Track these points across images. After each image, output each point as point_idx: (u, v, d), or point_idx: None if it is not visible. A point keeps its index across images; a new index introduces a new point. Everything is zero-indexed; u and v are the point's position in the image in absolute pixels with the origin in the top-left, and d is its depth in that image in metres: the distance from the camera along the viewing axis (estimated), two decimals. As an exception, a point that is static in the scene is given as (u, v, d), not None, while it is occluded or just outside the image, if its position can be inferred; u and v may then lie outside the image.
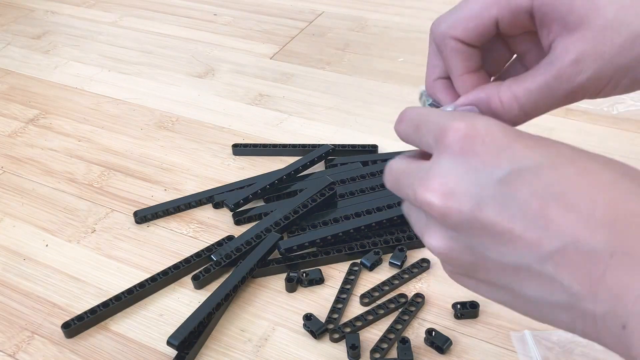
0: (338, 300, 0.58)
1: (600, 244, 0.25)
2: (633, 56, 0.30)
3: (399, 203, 0.67)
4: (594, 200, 0.26)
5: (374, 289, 0.59)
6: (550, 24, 0.31)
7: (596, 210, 0.26)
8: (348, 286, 0.59)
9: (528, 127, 0.31)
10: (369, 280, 0.60)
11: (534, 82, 0.32)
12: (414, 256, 0.62)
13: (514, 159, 0.28)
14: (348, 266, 0.61)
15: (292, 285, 0.59)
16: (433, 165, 0.29)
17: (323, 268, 0.61)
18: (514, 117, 0.33)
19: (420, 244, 0.63)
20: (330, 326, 0.55)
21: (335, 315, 0.56)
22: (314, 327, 0.55)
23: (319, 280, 0.60)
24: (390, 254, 0.62)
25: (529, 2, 0.31)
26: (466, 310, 0.55)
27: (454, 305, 0.56)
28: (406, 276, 0.60)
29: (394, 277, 0.60)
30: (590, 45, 0.30)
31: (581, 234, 0.25)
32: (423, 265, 0.61)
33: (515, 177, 0.27)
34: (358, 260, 0.62)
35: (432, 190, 0.29)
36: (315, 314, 0.56)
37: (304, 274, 0.59)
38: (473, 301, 0.56)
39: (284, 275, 0.60)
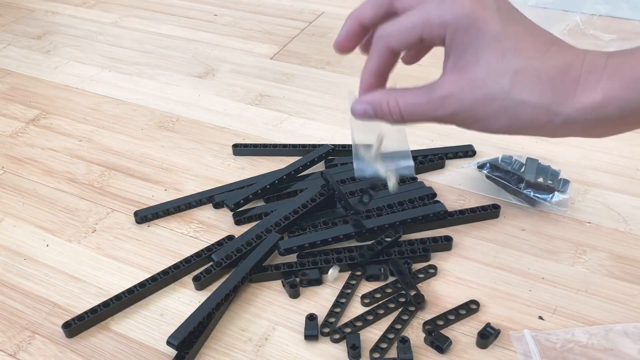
0: (337, 304, 0.58)
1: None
2: (484, 110, 0.38)
3: (400, 204, 0.68)
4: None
5: (375, 291, 0.59)
6: (448, 56, 0.39)
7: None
8: (348, 290, 0.59)
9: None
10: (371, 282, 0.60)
11: (413, 99, 0.40)
12: (421, 262, 0.62)
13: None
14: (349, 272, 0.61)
15: (295, 291, 0.59)
16: None
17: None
18: (396, 119, 0.41)
19: (425, 259, 0.62)
20: (326, 330, 0.55)
21: (332, 319, 0.56)
22: (308, 331, 0.55)
23: (316, 281, 0.60)
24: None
25: (443, 34, 0.38)
26: (436, 344, 0.54)
27: (425, 330, 0.55)
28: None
29: (397, 281, 0.59)
30: (457, 90, 0.38)
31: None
32: (430, 272, 0.60)
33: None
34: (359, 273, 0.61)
35: None
36: (315, 314, 0.56)
37: (303, 274, 0.59)
38: (445, 336, 0.54)
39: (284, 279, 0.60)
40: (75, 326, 0.56)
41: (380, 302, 0.58)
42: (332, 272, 0.59)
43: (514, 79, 0.36)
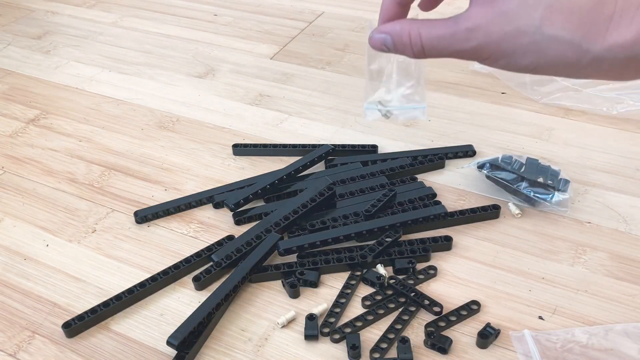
0: (337, 304, 0.58)
1: None
2: (513, 45, 0.36)
3: (400, 204, 0.68)
4: None
5: (376, 292, 0.59)
6: None
7: None
8: (348, 290, 0.59)
9: (527, 127, 0.31)
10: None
11: (436, 31, 0.38)
12: (422, 262, 0.62)
13: None
14: (349, 272, 0.61)
15: (295, 291, 0.59)
16: None
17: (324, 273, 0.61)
18: (416, 53, 0.39)
19: (425, 259, 0.62)
20: (326, 330, 0.55)
21: (332, 319, 0.56)
22: (308, 331, 0.55)
23: (313, 283, 0.59)
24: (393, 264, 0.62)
25: None
26: (437, 345, 0.54)
27: (427, 332, 0.55)
28: (411, 282, 0.59)
29: (397, 283, 0.59)
30: (485, 22, 0.36)
31: None
32: (430, 273, 0.60)
33: None
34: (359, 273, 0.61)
35: None
36: (315, 314, 0.56)
37: (300, 273, 0.59)
38: (446, 336, 0.54)
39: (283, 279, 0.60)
40: (75, 326, 0.56)
41: (380, 303, 0.58)
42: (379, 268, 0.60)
43: (546, 13, 0.35)
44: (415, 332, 0.55)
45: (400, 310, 0.57)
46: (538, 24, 0.35)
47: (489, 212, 0.66)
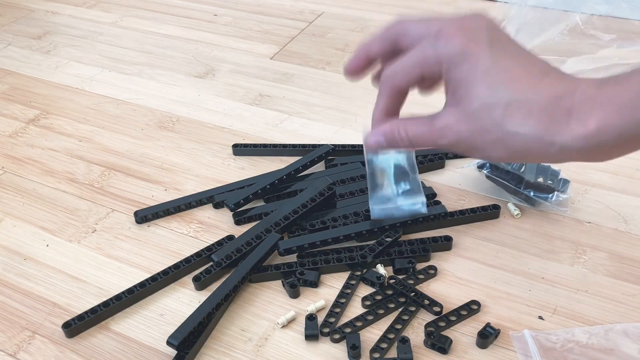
0: (337, 304, 0.58)
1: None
2: (482, 141, 0.39)
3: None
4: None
5: (376, 292, 0.59)
6: (446, 89, 0.41)
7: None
8: (348, 290, 0.59)
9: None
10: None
11: (417, 128, 0.42)
12: (422, 262, 0.62)
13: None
14: (349, 272, 0.61)
15: (295, 291, 0.59)
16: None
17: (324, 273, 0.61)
18: (406, 146, 0.44)
19: (425, 259, 0.62)
20: (326, 330, 0.55)
21: (332, 319, 0.56)
22: (308, 331, 0.55)
23: (313, 283, 0.59)
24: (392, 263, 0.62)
25: (440, 70, 0.40)
26: (437, 345, 0.54)
27: (427, 332, 0.55)
28: (411, 282, 0.59)
29: (397, 283, 0.59)
30: (454, 122, 0.40)
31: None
32: (430, 273, 0.60)
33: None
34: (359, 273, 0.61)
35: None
36: (315, 314, 0.56)
37: (300, 273, 0.59)
38: (445, 336, 0.54)
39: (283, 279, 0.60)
40: (75, 326, 0.56)
41: (380, 303, 0.58)
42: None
43: (506, 112, 0.37)
44: (415, 332, 0.55)
45: (400, 310, 0.57)
46: (500, 122, 0.38)
47: (489, 212, 0.66)
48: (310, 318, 0.56)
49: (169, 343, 0.53)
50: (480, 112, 0.38)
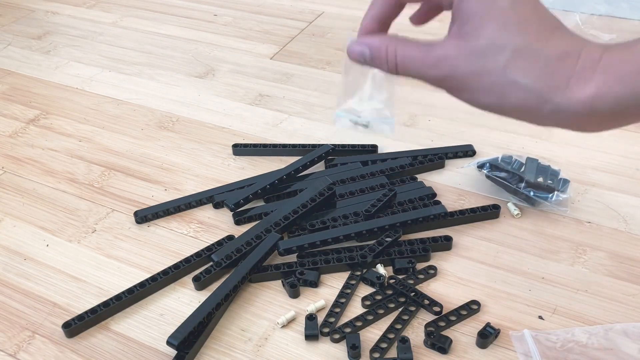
0: (337, 304, 0.58)
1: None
2: (477, 82, 0.37)
3: (400, 204, 0.68)
4: None
5: (376, 292, 0.59)
6: (454, 20, 0.38)
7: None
8: (348, 290, 0.59)
9: (527, 126, 0.31)
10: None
11: (410, 51, 0.39)
12: (421, 262, 0.62)
13: None
14: (349, 272, 0.61)
15: (295, 291, 0.59)
16: None
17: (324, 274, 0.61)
18: (390, 68, 0.40)
19: (425, 258, 0.62)
20: (326, 330, 0.55)
21: (332, 319, 0.56)
22: (308, 331, 0.55)
23: (313, 283, 0.59)
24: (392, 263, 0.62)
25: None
26: (437, 345, 0.54)
27: (427, 332, 0.55)
28: (411, 282, 0.59)
29: (397, 283, 0.59)
30: (455, 54, 0.37)
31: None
32: (430, 272, 0.60)
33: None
34: (359, 273, 0.61)
35: None
36: (315, 314, 0.56)
37: (300, 273, 0.59)
38: (445, 336, 0.54)
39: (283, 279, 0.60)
40: (75, 326, 0.56)
41: (380, 303, 0.58)
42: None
43: (512, 57, 0.36)
44: (415, 332, 0.55)
45: (400, 310, 0.57)
46: (503, 66, 0.36)
47: (489, 212, 0.66)
48: (310, 318, 0.56)
49: (169, 343, 0.53)
50: (485, 52, 0.36)
